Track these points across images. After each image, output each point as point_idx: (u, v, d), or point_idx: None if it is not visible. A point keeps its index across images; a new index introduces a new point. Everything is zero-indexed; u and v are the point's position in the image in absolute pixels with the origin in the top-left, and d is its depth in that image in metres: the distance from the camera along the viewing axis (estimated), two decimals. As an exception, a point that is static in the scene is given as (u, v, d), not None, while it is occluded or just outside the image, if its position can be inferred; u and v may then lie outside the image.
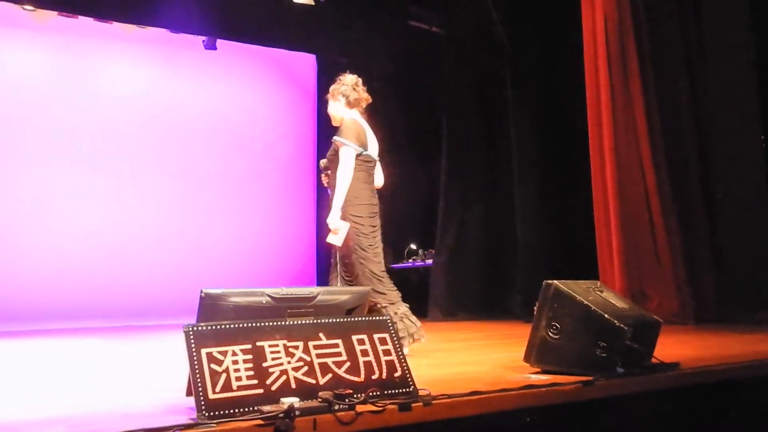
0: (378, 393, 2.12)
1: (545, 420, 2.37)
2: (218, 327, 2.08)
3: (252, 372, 2.03)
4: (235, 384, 1.99)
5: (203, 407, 1.91)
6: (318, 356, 2.17)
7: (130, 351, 4.67)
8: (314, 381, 2.11)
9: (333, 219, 3.60)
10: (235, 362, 2.03)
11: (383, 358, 2.26)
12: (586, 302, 2.71)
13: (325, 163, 3.83)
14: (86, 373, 3.49)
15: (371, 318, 2.37)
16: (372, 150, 3.83)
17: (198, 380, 1.95)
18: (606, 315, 2.66)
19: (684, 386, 2.76)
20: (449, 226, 7.15)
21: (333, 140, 3.74)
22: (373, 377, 2.20)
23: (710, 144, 5.69)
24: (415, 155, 7.96)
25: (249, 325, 2.13)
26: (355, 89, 3.94)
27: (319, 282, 7.97)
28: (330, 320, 2.28)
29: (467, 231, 7.10)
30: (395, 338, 2.33)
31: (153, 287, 7.25)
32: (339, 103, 3.90)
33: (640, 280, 5.42)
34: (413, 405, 2.10)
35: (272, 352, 2.11)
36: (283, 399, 1.98)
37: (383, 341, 2.31)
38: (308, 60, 8.25)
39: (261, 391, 2.01)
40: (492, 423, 2.26)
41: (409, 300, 7.53)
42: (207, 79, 7.81)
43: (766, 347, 3.61)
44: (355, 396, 2.05)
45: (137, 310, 7.18)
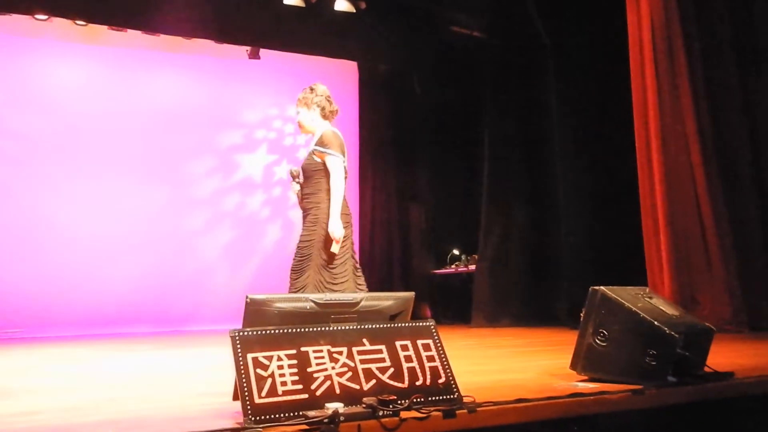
0: (422, 399, 2.11)
1: (593, 429, 2.32)
2: (263, 332, 2.11)
3: (297, 377, 2.05)
4: (281, 389, 2.01)
5: (249, 412, 1.93)
6: (362, 362, 2.17)
7: (175, 356, 4.76)
8: (358, 387, 2.11)
9: (338, 228, 3.57)
10: (281, 367, 2.05)
11: (427, 364, 2.25)
12: (635, 309, 2.65)
13: (298, 171, 3.78)
14: (133, 378, 3.58)
15: (415, 324, 2.37)
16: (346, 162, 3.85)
17: (244, 385, 1.97)
18: (656, 322, 2.59)
19: (739, 396, 2.66)
20: (492, 231, 7.08)
21: (316, 151, 3.73)
22: (417, 383, 2.19)
23: (763, 146, 5.50)
24: (457, 160, 7.93)
25: (293, 331, 2.15)
26: (329, 101, 3.96)
27: (362, 288, 7.98)
28: (373, 326, 2.28)
29: (511, 236, 7.02)
30: (439, 344, 2.32)
31: (201, 294, 7.40)
32: (314, 113, 3.90)
33: (691, 286, 5.27)
34: (458, 412, 2.08)
35: (316, 358, 2.12)
36: (328, 404, 1.99)
37: (427, 347, 2.30)
38: (350, 67, 8.31)
39: (306, 396, 2.02)
40: None
41: (452, 306, 7.56)
42: (251, 88, 7.94)
43: (827, 356, 3.46)
44: (399, 402, 2.04)
45: (184, 316, 7.33)
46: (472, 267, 7.37)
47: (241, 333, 2.07)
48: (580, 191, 6.53)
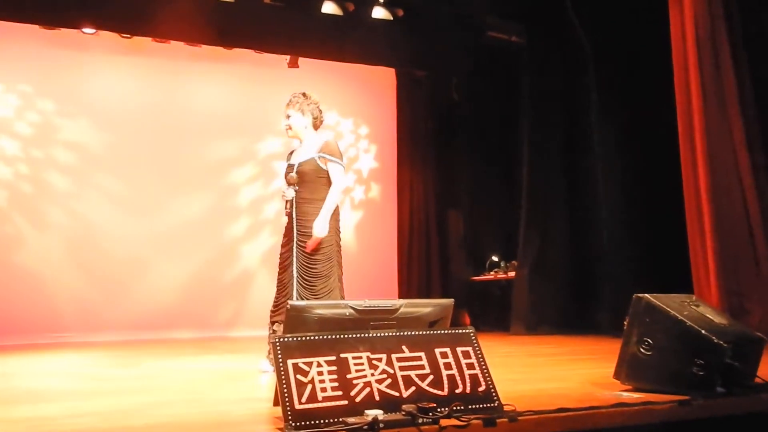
0: (462, 407, 2.10)
1: (638, 440, 2.27)
2: (303, 338, 2.13)
3: (336, 383, 2.06)
4: (321, 395, 2.02)
5: (290, 417, 1.94)
6: (401, 369, 2.17)
7: (218, 360, 4.83)
8: (398, 394, 2.11)
9: (323, 228, 3.73)
10: (320, 373, 2.06)
11: (467, 372, 2.24)
12: (681, 317, 2.58)
13: (296, 179, 3.82)
14: (176, 382, 3.64)
15: (454, 331, 2.36)
16: None
17: (285, 391, 1.99)
18: (703, 331, 2.52)
19: (792, 409, 2.57)
20: (532, 238, 7.01)
21: (322, 158, 3.82)
22: (457, 391, 2.18)
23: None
24: (496, 166, 7.88)
25: (333, 337, 2.16)
26: (320, 110, 4.09)
27: (401, 294, 7.99)
28: (413, 333, 2.28)
29: (550, 242, 6.93)
30: (479, 352, 2.30)
31: (243, 299, 7.50)
32: (306, 120, 3.99)
33: (739, 294, 5.10)
34: (498, 421, 2.06)
35: (356, 364, 2.13)
36: (368, 411, 1.99)
37: (466, 354, 2.29)
38: (388, 73, 8.34)
39: (345, 403, 2.03)
40: (581, 442, 2.19)
41: (491, 313, 7.50)
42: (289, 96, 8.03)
43: None
44: (439, 410, 2.04)
45: (227, 321, 7.44)
46: (512, 274, 7.30)
47: (282, 339, 2.10)
48: (622, 197, 6.40)
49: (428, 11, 6.99)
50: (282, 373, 2.02)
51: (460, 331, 2.35)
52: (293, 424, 1.93)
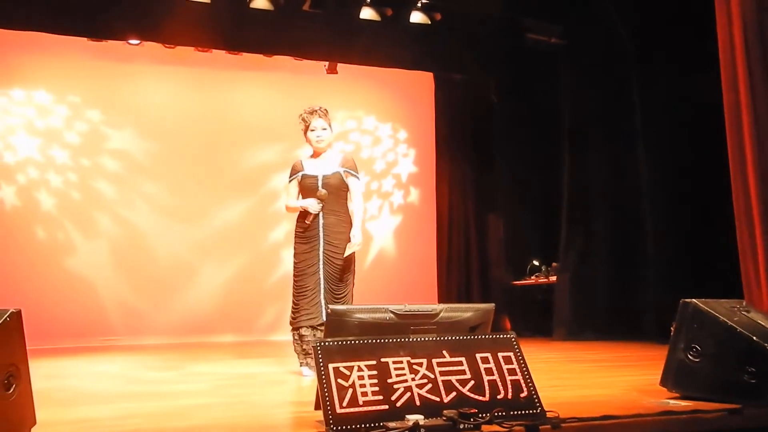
0: (504, 413, 2.08)
1: (686, 449, 2.21)
2: (344, 342, 2.14)
3: (377, 388, 2.07)
4: (361, 399, 2.03)
5: (331, 421, 1.96)
6: (442, 374, 2.16)
7: (260, 364, 4.88)
8: (438, 399, 2.10)
9: (361, 237, 3.99)
10: (361, 377, 2.07)
11: (508, 378, 2.21)
12: (731, 323, 2.51)
13: (325, 195, 4.00)
14: (219, 385, 3.70)
15: (495, 336, 2.34)
16: None
17: (326, 394, 2.00)
18: (755, 337, 2.44)
19: None
20: (573, 241, 6.89)
21: (347, 173, 4.08)
22: (499, 397, 2.16)
23: None
24: (536, 169, 7.78)
25: (373, 342, 2.17)
26: None
27: (441, 299, 7.96)
28: (453, 337, 2.27)
29: (593, 246, 6.80)
30: (520, 357, 2.28)
31: (284, 303, 7.58)
32: (332, 134, 4.27)
33: (793, 300, 4.92)
34: (541, 427, 2.04)
35: (396, 369, 2.13)
36: (408, 416, 1.99)
37: (508, 360, 2.27)
38: (426, 77, 8.34)
39: (386, 407, 2.04)
40: (626, 450, 2.14)
41: (533, 319, 7.40)
42: (329, 103, 8.06)
43: None
44: (481, 415, 2.02)
45: (268, 325, 7.53)
46: (553, 278, 7.19)
47: (323, 343, 2.11)
48: (667, 199, 6.25)
49: (466, 14, 6.96)
50: (323, 377, 2.03)
51: (502, 336, 2.33)
52: (335, 428, 1.94)
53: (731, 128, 5.30)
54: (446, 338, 2.25)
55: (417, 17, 6.83)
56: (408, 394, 2.08)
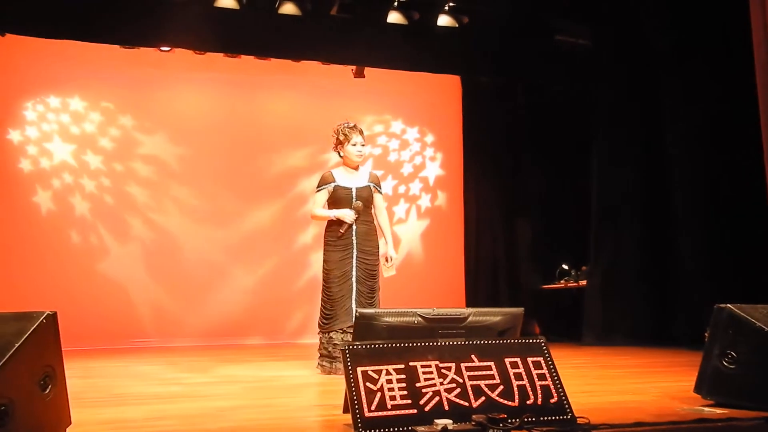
0: (533, 419, 2.06)
1: (722, 458, 2.16)
2: (372, 346, 2.14)
3: (405, 392, 2.06)
4: (390, 403, 2.03)
5: (360, 425, 1.96)
6: (470, 378, 2.15)
7: (290, 367, 4.91)
8: (467, 403, 2.09)
9: (395, 254, 4.48)
10: (389, 381, 2.07)
11: (538, 383, 2.20)
12: None
13: (361, 207, 4.35)
14: (250, 387, 3.73)
15: (525, 340, 2.32)
16: None
17: (354, 398, 2.01)
18: (792, 344, 2.38)
19: None
20: (603, 245, 6.80)
21: (374, 188, 4.47)
22: (528, 402, 2.14)
23: None
24: (565, 171, 7.71)
25: (401, 345, 2.17)
26: None
27: (469, 303, 7.92)
28: (482, 342, 2.26)
29: (623, 249, 6.70)
30: (550, 362, 2.26)
31: (313, 306, 7.61)
32: None
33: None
34: (571, 433, 2.01)
35: (425, 373, 2.13)
36: (437, 420, 1.99)
37: (537, 365, 2.25)
38: (453, 81, 8.32)
39: (414, 411, 2.03)
40: (659, 458, 2.10)
41: (562, 323, 7.31)
42: (357, 107, 8.14)
43: None
44: (510, 421, 2.01)
45: (297, 328, 7.58)
46: (583, 282, 7.10)
47: (351, 346, 2.12)
48: (699, 201, 6.13)
49: (493, 17, 6.94)
50: (351, 380, 2.04)
51: (531, 341, 2.31)
52: (363, 432, 1.95)
53: (767, 127, 5.19)
54: (475, 342, 2.24)
55: (444, 20, 6.82)
56: (436, 399, 2.07)
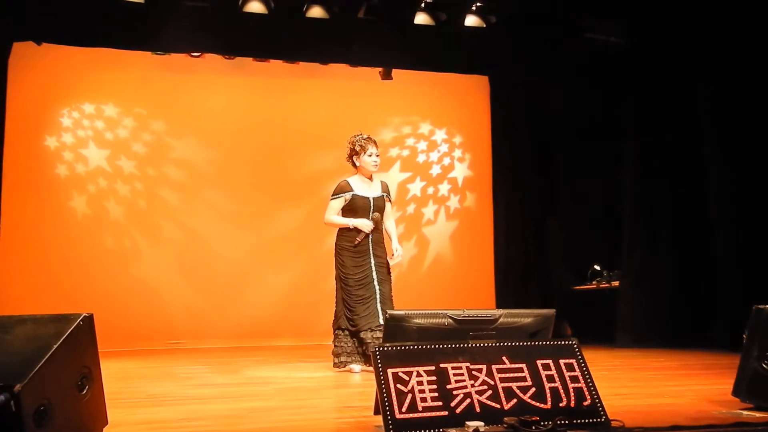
0: (566, 422, 2.04)
1: (762, 463, 2.11)
2: (402, 348, 2.14)
3: (436, 393, 2.06)
4: (421, 405, 2.02)
5: (391, 426, 1.96)
6: (502, 380, 2.13)
7: (321, 368, 4.93)
8: (499, 406, 2.08)
9: (401, 249, 4.80)
10: (420, 383, 2.06)
11: (570, 385, 2.17)
12: (809, 330, 2.38)
13: (380, 219, 4.69)
14: (282, 389, 3.75)
15: (557, 342, 2.29)
16: None
17: (385, 399, 2.01)
18: (835, 345, 2.31)
19: None
20: (637, 245, 6.68)
21: (387, 197, 4.80)
22: (561, 404, 2.12)
23: None
24: (597, 171, 7.60)
25: (432, 347, 2.16)
26: None
27: (499, 304, 7.85)
28: (513, 343, 2.24)
29: (657, 250, 6.58)
30: (583, 364, 2.23)
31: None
32: None
33: None
34: (606, 437, 1.98)
35: (455, 375, 2.12)
36: (468, 422, 1.98)
37: (570, 367, 2.22)
38: (481, 81, 8.28)
39: (446, 413, 2.02)
40: (697, 462, 2.06)
41: (595, 325, 7.22)
42: (384, 108, 8.15)
43: None
44: (543, 423, 1.99)
45: (327, 329, 7.60)
46: (616, 283, 6.99)
47: (382, 348, 2.12)
48: (735, 199, 5.99)
49: (521, 16, 6.88)
50: (382, 382, 2.04)
51: (563, 343, 2.29)
52: (394, 434, 1.94)
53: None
54: (506, 344, 2.23)
55: (471, 20, 6.78)
56: (468, 401, 2.06)
